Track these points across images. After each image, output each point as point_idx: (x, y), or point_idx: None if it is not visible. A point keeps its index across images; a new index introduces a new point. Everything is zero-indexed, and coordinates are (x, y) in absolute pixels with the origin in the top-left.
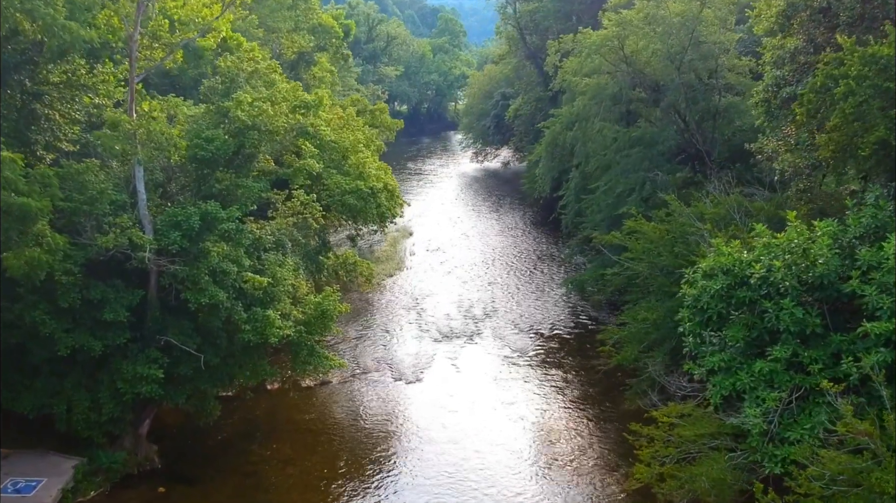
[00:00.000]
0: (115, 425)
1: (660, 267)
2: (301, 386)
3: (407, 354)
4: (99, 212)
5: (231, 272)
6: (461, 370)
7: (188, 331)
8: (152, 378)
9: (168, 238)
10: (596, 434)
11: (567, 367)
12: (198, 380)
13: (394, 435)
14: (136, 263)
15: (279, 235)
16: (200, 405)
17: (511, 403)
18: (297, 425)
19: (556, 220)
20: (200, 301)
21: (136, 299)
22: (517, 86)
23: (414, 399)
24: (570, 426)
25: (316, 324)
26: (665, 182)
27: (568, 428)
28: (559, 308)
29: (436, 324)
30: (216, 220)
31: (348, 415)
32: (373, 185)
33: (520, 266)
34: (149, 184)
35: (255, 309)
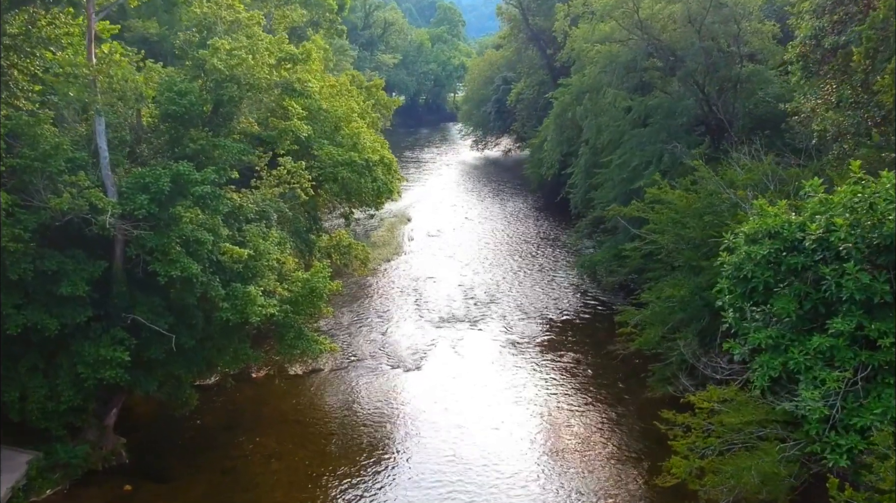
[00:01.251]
0: (76, 415)
1: (686, 239)
2: (289, 373)
3: (405, 340)
4: (53, 169)
5: (206, 241)
6: (464, 356)
7: (159, 308)
8: (117, 361)
9: (134, 202)
10: (616, 423)
11: (580, 353)
12: (171, 364)
13: (391, 426)
14: (97, 230)
15: (263, 206)
16: (175, 393)
17: (520, 392)
18: (283, 416)
19: (561, 204)
20: (171, 274)
21: (99, 271)
22: (519, 69)
23: (413, 387)
24: (587, 414)
25: (304, 303)
26: (684, 154)
27: (584, 416)
28: (568, 292)
29: (437, 310)
30: (189, 183)
31: (341, 405)
32: (368, 156)
33: (525, 250)
34: (113, 142)
35: (235, 284)
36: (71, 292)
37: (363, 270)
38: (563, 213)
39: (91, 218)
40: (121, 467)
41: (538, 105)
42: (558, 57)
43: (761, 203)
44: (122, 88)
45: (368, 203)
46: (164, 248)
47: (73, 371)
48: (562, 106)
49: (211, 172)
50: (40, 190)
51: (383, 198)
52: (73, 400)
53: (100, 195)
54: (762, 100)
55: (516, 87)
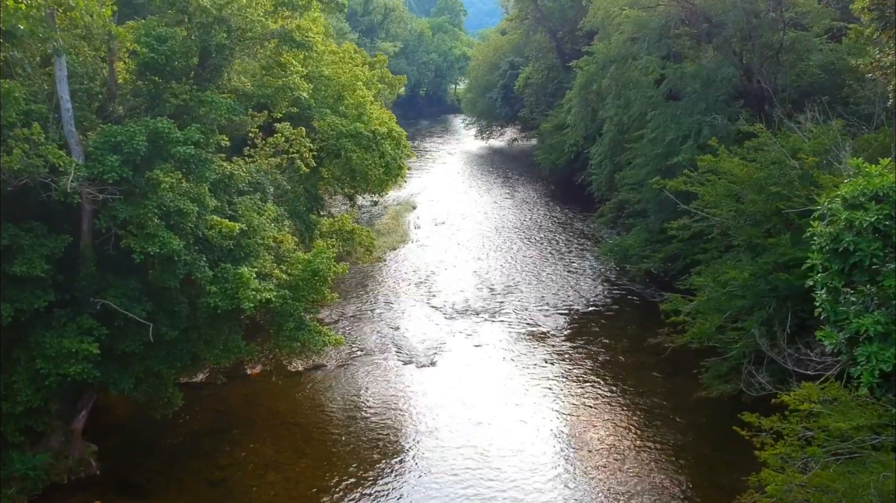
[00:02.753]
0: (36, 418)
1: (747, 214)
2: (287, 370)
3: (418, 333)
4: (2, 122)
5: (190, 213)
6: (483, 350)
7: (134, 292)
8: (84, 354)
9: (103, 164)
10: (661, 424)
11: (612, 347)
12: (150, 359)
13: (405, 429)
14: (58, 197)
15: (258, 177)
16: (155, 392)
17: (548, 389)
18: (281, 419)
19: (575, 190)
20: (148, 250)
21: (61, 247)
22: (527, 53)
23: (428, 385)
24: (627, 414)
25: (305, 288)
26: (725, 127)
27: (623, 416)
28: (592, 281)
29: (449, 301)
30: (169, 143)
31: (347, 407)
32: (375, 128)
33: (540, 238)
34: (79, 94)
35: (224, 265)
36: (27, 272)
37: (368, 258)
38: (577, 200)
39: (50, 182)
40: (90, 479)
41: (547, 90)
42: (581, 24)
43: (857, 162)
44: (87, 24)
45: (374, 184)
46: (140, 219)
47: (32, 366)
48: (587, 76)
49: (195, 131)
50: None
51: (392, 176)
52: (32, 400)
53: (59, 153)
54: (805, 68)
55: (524, 72)
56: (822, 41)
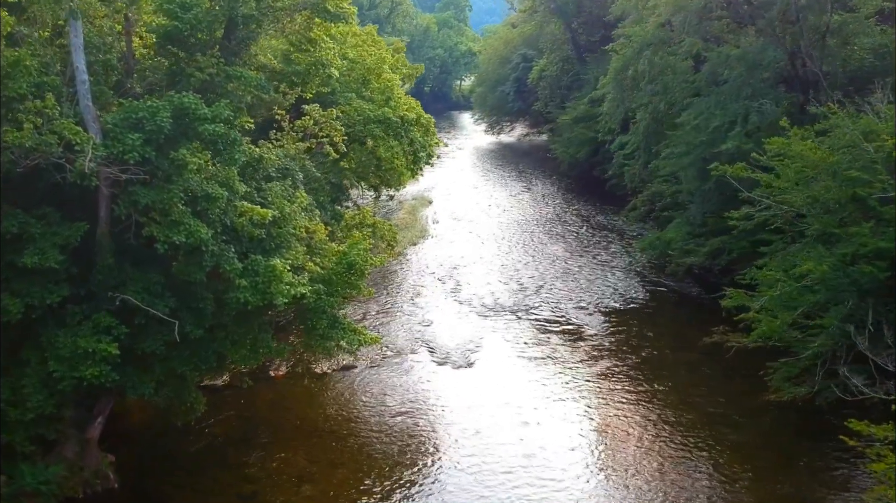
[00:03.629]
0: (49, 426)
1: (821, 201)
2: (315, 372)
3: (449, 332)
4: (11, 93)
5: (220, 198)
6: (521, 350)
7: (156, 287)
8: (102, 355)
9: (123, 143)
10: (720, 431)
11: (658, 346)
12: (172, 360)
13: (443, 434)
14: (74, 178)
15: (286, 162)
16: (177, 397)
17: (595, 391)
18: (313, 426)
19: (596, 185)
20: (173, 240)
21: (77, 236)
22: (542, 45)
23: (465, 386)
24: (682, 419)
25: (339, 282)
26: (774, 112)
27: (679, 421)
28: (626, 278)
29: (479, 297)
30: (196, 120)
31: (382, 410)
32: (404, 113)
33: (564, 234)
34: (96, 66)
35: (255, 257)
36: (39, 263)
37: (389, 253)
38: (598, 195)
39: (64, 162)
40: (108, 493)
41: (562, 83)
42: (611, 10)
43: None
44: None
45: (398, 175)
46: (164, 205)
47: (44, 368)
48: (623, 60)
49: (224, 107)
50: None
51: (421, 165)
52: (44, 406)
53: (76, 128)
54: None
55: (538, 65)
56: (873, 23)
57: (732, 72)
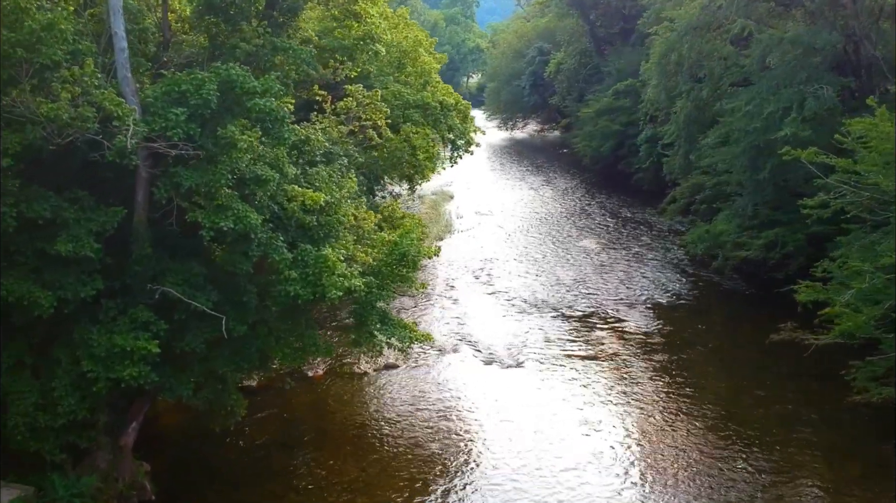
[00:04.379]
0: (81, 432)
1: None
2: (354, 371)
3: (491, 330)
4: (45, 60)
5: (270, 180)
6: (570, 349)
7: (198, 279)
8: (142, 354)
9: (166, 119)
10: (795, 436)
11: (716, 346)
12: (212, 359)
13: (503, 438)
14: (112, 157)
15: (330, 146)
16: (216, 399)
17: (658, 391)
18: (359, 430)
19: (621, 179)
20: (220, 226)
21: (114, 222)
22: (559, 38)
23: (519, 388)
24: (752, 424)
25: (390, 274)
26: (832, 98)
27: (749, 425)
28: (669, 274)
29: (515, 293)
30: (245, 94)
31: (432, 412)
32: (443, 98)
33: (594, 228)
34: (130, 36)
35: (303, 246)
36: (73, 251)
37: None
38: (623, 189)
39: (102, 139)
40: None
41: (580, 76)
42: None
43: None
44: None
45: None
46: (210, 188)
47: (76, 369)
48: (667, 45)
49: (273, 81)
50: (25, 92)
51: (460, 153)
52: (77, 410)
53: (117, 99)
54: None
55: (556, 58)
56: None
57: (786, 55)
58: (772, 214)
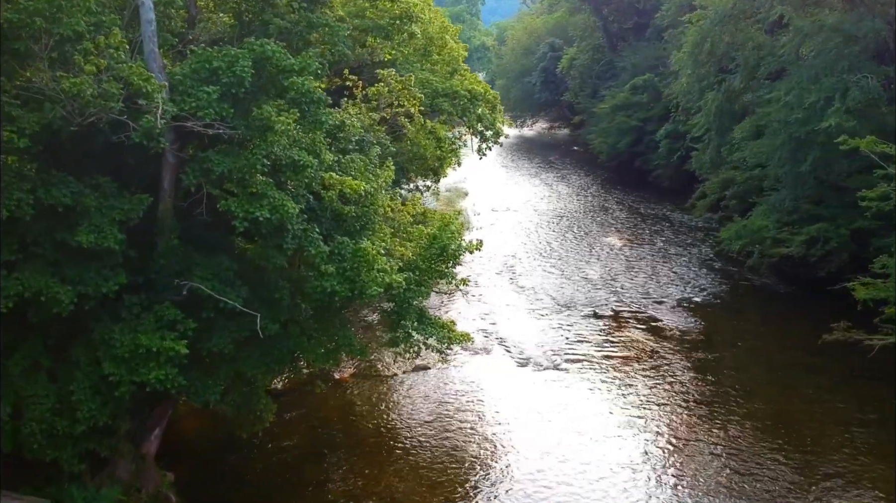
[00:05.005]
0: (101, 440)
1: None
2: (383, 373)
3: (522, 330)
4: (66, 31)
5: (309, 166)
6: (606, 350)
7: (227, 274)
8: (169, 356)
9: (197, 98)
10: (851, 443)
11: (759, 347)
12: (241, 360)
13: (549, 442)
14: (138, 139)
15: (363, 133)
16: (244, 404)
17: (703, 395)
18: (394, 436)
19: (638, 176)
20: (256, 216)
21: (139, 211)
22: (572, 33)
23: (558, 391)
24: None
25: (429, 270)
26: (876, 88)
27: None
28: (701, 272)
29: (543, 292)
30: (281, 72)
31: (470, 417)
32: (471, 87)
33: (616, 226)
34: (158, 9)
35: (340, 238)
36: (94, 243)
37: None
38: (641, 186)
39: (127, 119)
40: None
41: (593, 72)
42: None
43: None
44: None
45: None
46: (243, 174)
47: (96, 371)
48: (701, 33)
49: (311, 59)
50: (44, 67)
51: (489, 144)
52: (97, 416)
53: (145, 73)
54: None
55: (568, 53)
56: None
57: (827, 43)
58: (812, 209)
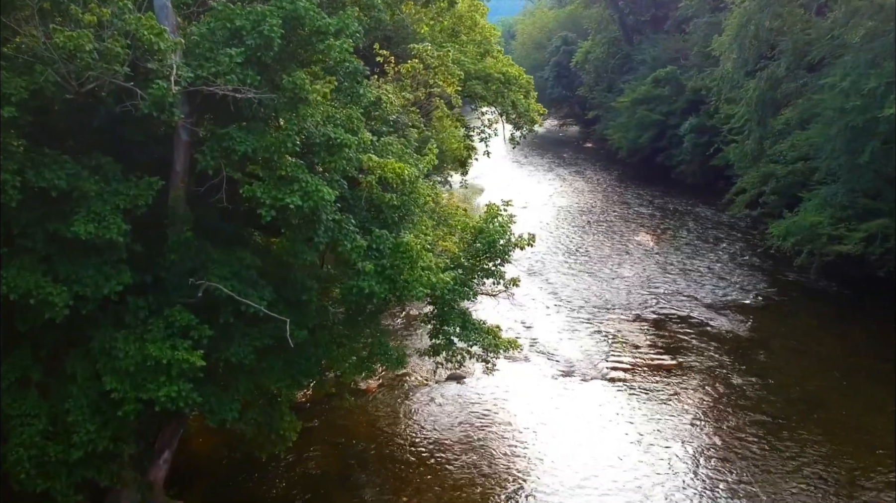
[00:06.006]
0: (102, 467)
1: None
2: (413, 382)
3: (561, 335)
4: None
5: (348, 145)
6: (656, 358)
7: (249, 272)
8: (182, 369)
9: (216, 63)
10: None
11: (828, 352)
12: (263, 372)
13: (611, 459)
14: (148, 109)
15: (399, 114)
16: (266, 422)
17: (774, 403)
18: (430, 456)
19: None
20: (286, 203)
21: (147, 197)
22: (587, 26)
23: (611, 406)
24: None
25: (475, 268)
26: None
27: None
28: (745, 272)
29: (579, 293)
30: (315, 34)
31: (515, 435)
32: (505, 69)
33: (646, 224)
34: None
35: (377, 231)
36: (94, 235)
37: None
38: (664, 183)
39: (133, 87)
40: None
41: (609, 66)
42: None
43: None
44: None
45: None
46: (271, 154)
47: (96, 386)
48: (746, 15)
49: (352, 18)
50: (34, 23)
51: (524, 132)
52: (96, 440)
53: (157, 26)
54: None
55: (583, 46)
56: None
57: (888, 24)
58: (870, 204)
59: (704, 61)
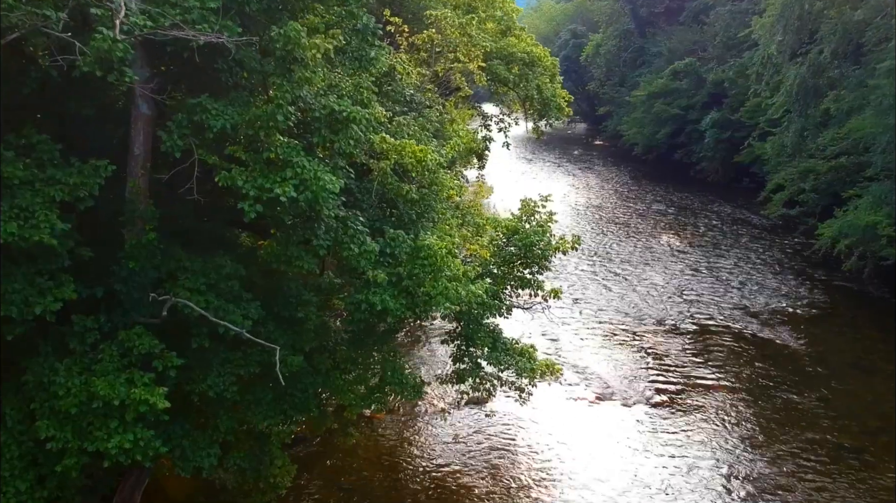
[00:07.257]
0: None
1: None
2: (427, 409)
3: (593, 351)
4: None
5: (357, 119)
6: (703, 379)
7: (230, 283)
8: (140, 412)
9: (181, 9)
10: None
11: (891, 371)
12: (248, 408)
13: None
14: (89, 67)
15: (414, 90)
16: (252, 468)
17: (846, 438)
18: (449, 498)
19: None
20: (276, 195)
21: (93, 187)
22: (596, 17)
23: (654, 436)
24: None
25: (507, 276)
26: None
27: None
28: (789, 277)
29: (608, 302)
30: None
31: (552, 469)
32: (530, 49)
33: (671, 225)
34: None
35: (394, 232)
36: (22, 237)
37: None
38: (682, 181)
39: (71, 37)
40: None
41: (621, 59)
42: None
43: None
44: None
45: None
46: (257, 131)
47: (30, 434)
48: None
49: None
50: None
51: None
52: (27, 501)
53: None
54: None
55: (594, 39)
56: None
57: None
58: None
59: (726, 52)
